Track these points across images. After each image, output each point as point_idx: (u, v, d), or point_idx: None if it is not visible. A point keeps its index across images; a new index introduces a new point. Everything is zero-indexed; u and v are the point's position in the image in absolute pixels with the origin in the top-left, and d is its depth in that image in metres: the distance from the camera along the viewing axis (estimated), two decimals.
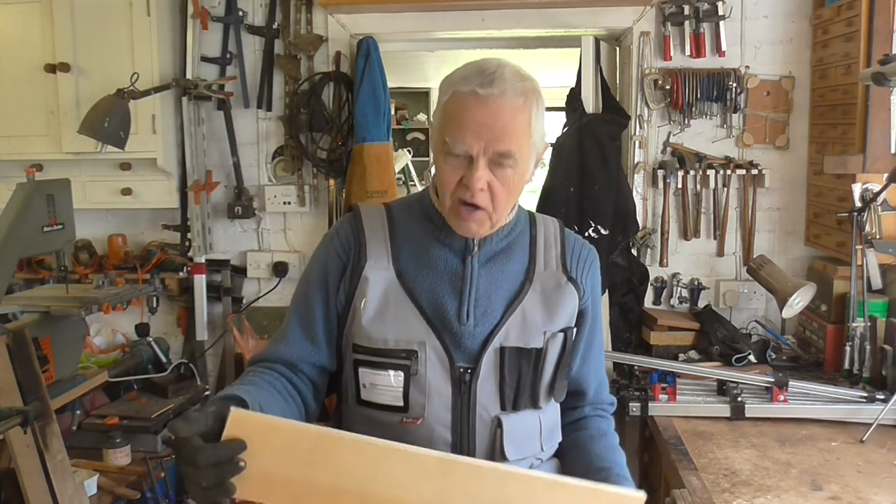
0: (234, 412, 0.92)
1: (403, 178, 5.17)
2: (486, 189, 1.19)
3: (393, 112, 3.47)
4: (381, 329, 1.25)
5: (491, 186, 1.19)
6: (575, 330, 1.35)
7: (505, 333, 1.26)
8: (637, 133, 2.80)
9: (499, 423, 1.25)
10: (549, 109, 1.28)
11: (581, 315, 1.36)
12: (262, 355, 1.36)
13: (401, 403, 1.25)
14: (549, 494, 0.94)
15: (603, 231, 2.65)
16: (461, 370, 1.25)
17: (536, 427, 1.30)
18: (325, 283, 1.33)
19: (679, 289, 2.83)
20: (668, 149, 2.82)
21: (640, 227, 2.79)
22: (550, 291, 1.31)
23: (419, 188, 5.34)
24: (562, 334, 1.30)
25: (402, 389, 1.24)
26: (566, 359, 1.33)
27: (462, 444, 1.25)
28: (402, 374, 1.24)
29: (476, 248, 1.29)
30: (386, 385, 1.25)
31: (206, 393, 2.90)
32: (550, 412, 1.34)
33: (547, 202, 2.74)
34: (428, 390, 1.24)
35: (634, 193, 2.79)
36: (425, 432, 1.24)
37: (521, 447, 1.28)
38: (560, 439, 1.39)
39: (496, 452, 1.25)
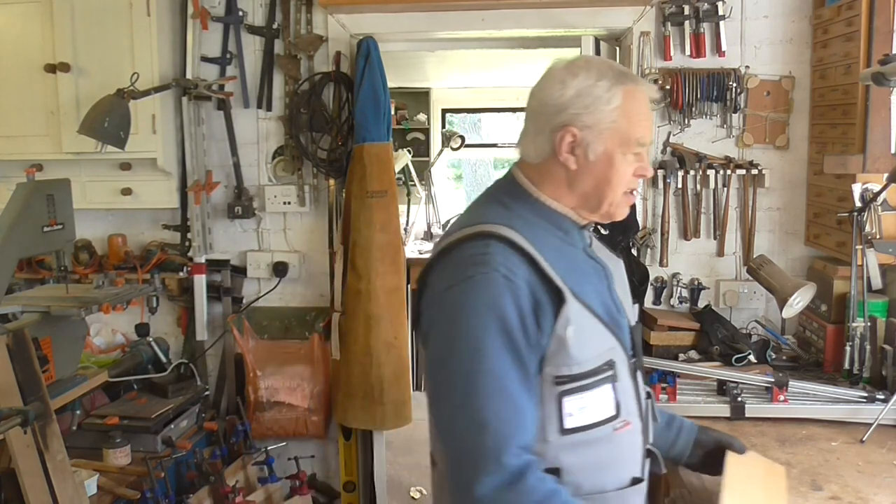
0: None
1: (403, 178, 5.17)
2: None
3: (393, 112, 3.47)
4: (585, 351, 1.24)
5: None
6: None
7: (630, 313, 1.40)
8: None
9: (648, 395, 1.41)
10: None
11: None
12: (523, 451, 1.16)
13: (613, 413, 1.28)
14: None
15: (603, 231, 2.65)
16: (633, 360, 1.35)
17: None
18: (512, 338, 1.17)
19: (679, 289, 2.83)
20: (669, 149, 2.82)
21: (640, 227, 2.79)
22: (620, 274, 1.44)
23: (419, 188, 5.34)
24: (637, 304, 1.45)
25: (613, 398, 1.28)
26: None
27: (644, 426, 1.36)
28: (610, 384, 1.27)
29: (590, 241, 1.38)
30: (598, 402, 1.26)
31: (206, 393, 2.91)
32: None
33: None
34: (625, 390, 1.31)
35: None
36: (629, 429, 1.32)
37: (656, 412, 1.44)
38: None
39: (650, 421, 1.39)
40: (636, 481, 1.32)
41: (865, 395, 2.10)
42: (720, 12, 2.70)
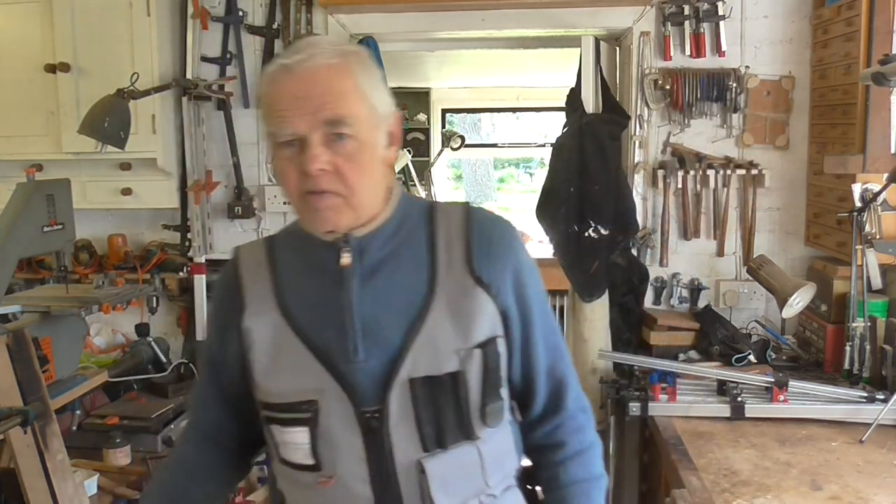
0: None
1: (403, 178, 5.17)
2: (331, 170, 1.04)
3: None
4: (278, 382, 1.11)
5: (336, 166, 1.04)
6: (503, 339, 1.14)
7: (412, 363, 1.07)
8: (637, 133, 2.80)
9: (421, 469, 1.08)
10: (549, 109, 1.29)
11: (505, 317, 1.13)
12: (188, 423, 1.34)
13: (311, 461, 1.10)
14: None
15: (603, 231, 2.65)
16: (367, 415, 1.08)
17: (476, 461, 1.12)
18: (210, 346, 1.23)
19: (679, 289, 2.83)
20: (668, 149, 2.81)
21: (640, 227, 2.79)
22: (458, 300, 1.10)
23: (419, 188, 5.34)
24: (479, 350, 1.09)
25: (309, 446, 1.09)
26: (493, 376, 1.12)
27: (385, 499, 1.09)
28: (306, 428, 1.09)
29: (353, 263, 1.09)
30: (294, 442, 1.11)
31: None
32: (495, 439, 1.16)
33: (547, 202, 2.75)
34: (336, 443, 1.09)
35: (634, 193, 2.78)
36: (341, 491, 1.10)
37: (456, 490, 1.11)
38: (518, 464, 1.22)
39: (426, 502, 1.09)
40: None
41: (865, 395, 2.10)
42: (720, 12, 2.70)
